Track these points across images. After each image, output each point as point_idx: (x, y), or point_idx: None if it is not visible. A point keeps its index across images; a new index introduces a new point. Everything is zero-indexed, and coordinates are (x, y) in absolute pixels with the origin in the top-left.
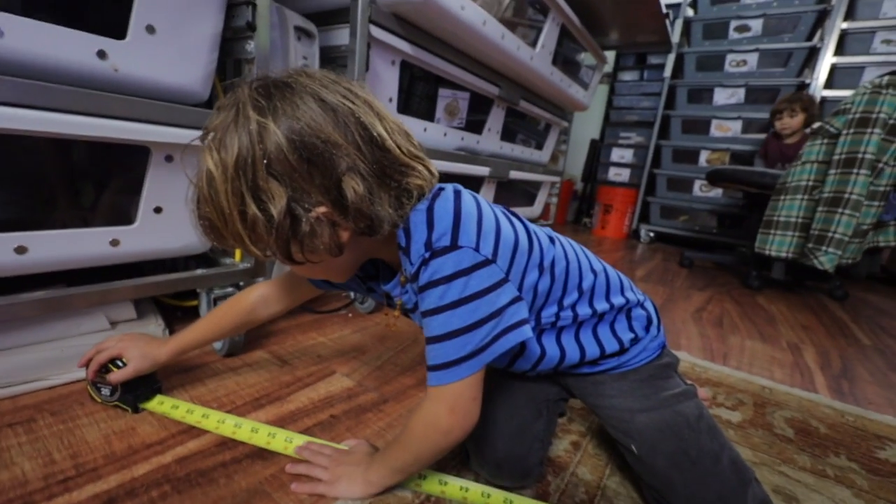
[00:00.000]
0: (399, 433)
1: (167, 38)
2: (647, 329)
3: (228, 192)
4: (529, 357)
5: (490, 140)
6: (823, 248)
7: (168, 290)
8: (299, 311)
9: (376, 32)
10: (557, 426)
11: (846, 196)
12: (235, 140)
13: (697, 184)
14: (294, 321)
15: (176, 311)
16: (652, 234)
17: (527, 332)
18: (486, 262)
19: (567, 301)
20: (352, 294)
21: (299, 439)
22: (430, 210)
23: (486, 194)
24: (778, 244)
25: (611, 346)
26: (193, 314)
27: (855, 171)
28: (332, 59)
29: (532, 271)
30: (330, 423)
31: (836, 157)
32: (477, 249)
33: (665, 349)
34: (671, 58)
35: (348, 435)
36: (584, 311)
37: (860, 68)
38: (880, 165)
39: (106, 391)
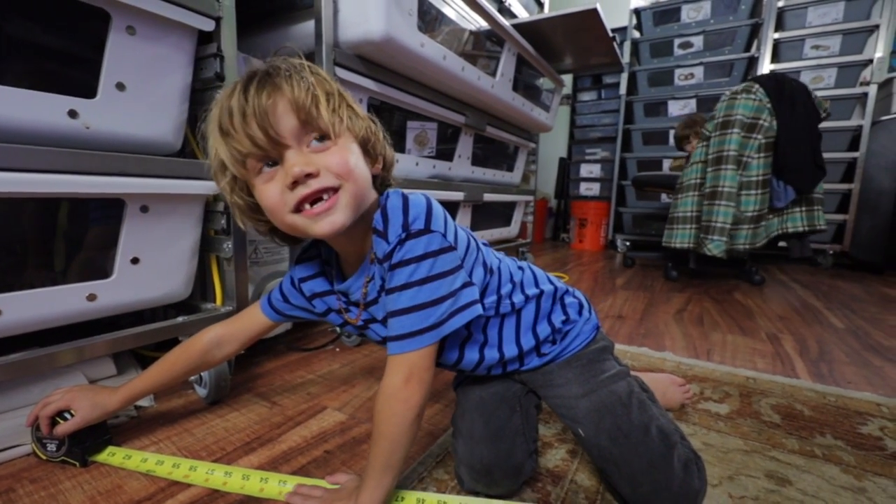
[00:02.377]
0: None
1: (137, 93)
2: (579, 313)
3: (347, 93)
4: (474, 345)
5: (461, 166)
6: (710, 236)
7: (148, 342)
8: (285, 351)
9: (342, 74)
10: (552, 436)
11: (720, 189)
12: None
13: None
14: (281, 361)
15: None
16: (628, 244)
17: (478, 309)
18: (451, 248)
19: (504, 290)
20: (338, 328)
21: (293, 481)
22: (405, 196)
23: (463, 218)
24: (680, 237)
25: (544, 331)
26: None
27: (723, 166)
28: None
29: (478, 267)
30: (325, 458)
31: (709, 157)
32: (444, 236)
33: (599, 332)
34: (624, 77)
35: (344, 469)
36: (518, 298)
37: (797, 72)
38: (744, 159)
39: (52, 446)
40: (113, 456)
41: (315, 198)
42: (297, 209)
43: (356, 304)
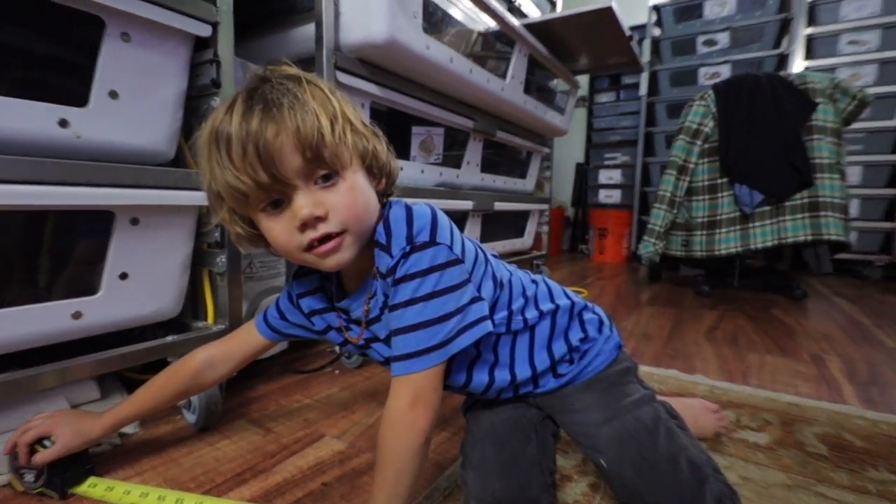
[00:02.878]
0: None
1: (130, 101)
2: (599, 330)
3: (336, 102)
4: (483, 365)
5: (470, 173)
6: (645, 238)
7: (135, 363)
8: (281, 373)
9: (343, 78)
10: (570, 468)
11: (659, 193)
12: (323, 81)
13: None
14: (276, 384)
15: None
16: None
17: (487, 326)
18: (458, 261)
19: (515, 305)
20: (337, 348)
21: None
22: (408, 207)
23: (472, 228)
24: (644, 246)
25: (560, 350)
26: None
27: (666, 171)
28: None
29: (487, 281)
30: (322, 492)
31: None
32: (451, 248)
33: (622, 351)
34: (645, 77)
35: (343, 503)
36: (531, 314)
37: (832, 69)
38: (689, 165)
39: (29, 476)
40: (94, 487)
41: (322, 238)
42: (308, 248)
43: (357, 322)
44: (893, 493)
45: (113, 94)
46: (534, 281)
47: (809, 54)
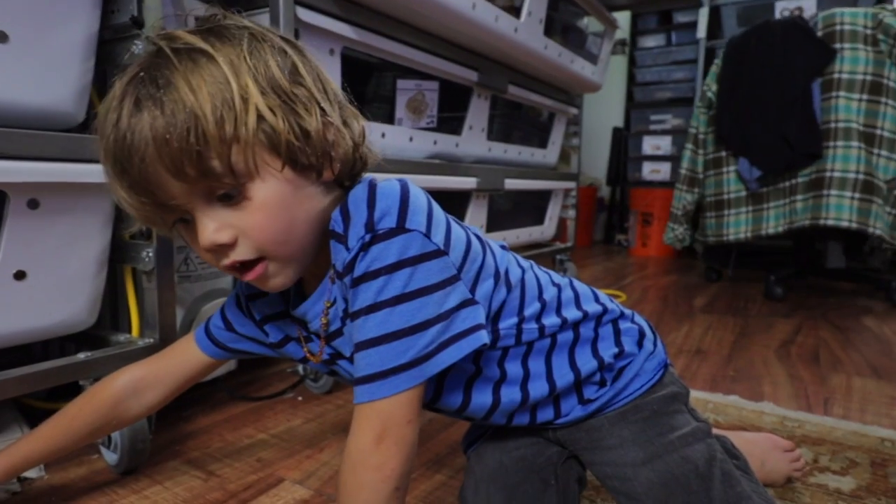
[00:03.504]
0: None
1: (23, 46)
2: (639, 344)
3: (245, 80)
4: (485, 383)
5: (473, 141)
6: (668, 223)
7: (38, 388)
8: (228, 401)
9: (305, 16)
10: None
11: (681, 171)
12: (237, 40)
13: None
14: (221, 414)
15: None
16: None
17: (481, 338)
18: (438, 252)
19: (528, 312)
20: (300, 368)
21: None
22: (372, 184)
23: (476, 213)
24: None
25: (587, 365)
26: None
27: (686, 145)
28: None
29: (486, 280)
30: None
31: None
32: (428, 236)
33: (668, 372)
34: (703, 13)
35: None
36: (551, 320)
37: None
38: (701, 136)
39: None
40: None
41: (241, 264)
42: (233, 270)
43: (318, 336)
44: None
45: (1, 37)
46: (555, 284)
47: None
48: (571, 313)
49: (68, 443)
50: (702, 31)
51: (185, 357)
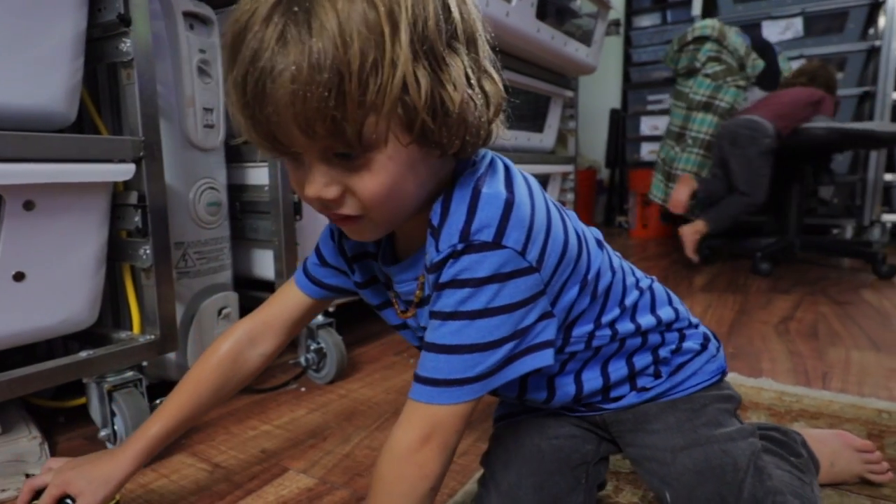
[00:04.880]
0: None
1: (10, 46)
2: (702, 346)
3: (401, 40)
4: (541, 378)
5: None
6: None
7: (42, 387)
8: None
9: None
10: (599, 500)
11: None
12: None
13: None
14: (225, 407)
15: (57, 415)
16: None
17: (548, 357)
18: (529, 270)
19: (606, 319)
20: (303, 360)
21: None
22: (476, 190)
23: None
24: None
25: (643, 361)
26: (82, 417)
27: None
28: None
29: (573, 287)
30: None
31: None
32: (522, 253)
33: (725, 377)
34: None
35: None
36: (625, 327)
37: None
38: None
39: None
40: None
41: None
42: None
43: (399, 296)
44: None
45: None
46: (639, 287)
47: None
48: (646, 319)
49: (198, 410)
50: (697, 9)
51: (289, 300)
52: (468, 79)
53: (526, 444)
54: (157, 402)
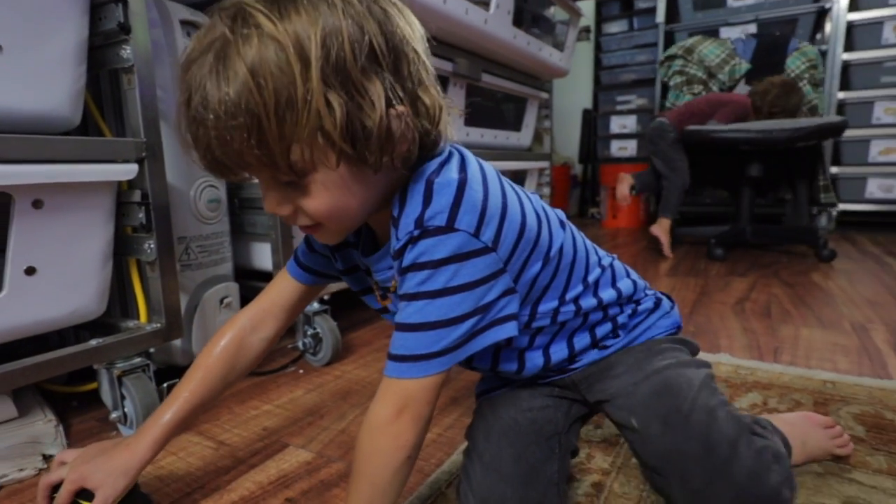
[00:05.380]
0: None
1: (17, 55)
2: (656, 305)
3: (311, 75)
4: (512, 352)
5: (451, 127)
6: None
7: (55, 373)
8: None
9: None
10: (572, 466)
11: None
12: (315, 13)
13: None
14: (229, 390)
15: (70, 399)
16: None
17: (511, 329)
18: (485, 250)
19: (570, 295)
20: (300, 344)
21: None
22: (429, 182)
23: None
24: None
25: (604, 330)
26: (94, 401)
27: None
28: None
29: (535, 263)
30: None
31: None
32: (476, 235)
33: (680, 331)
34: None
35: None
36: (588, 302)
37: (878, 23)
38: None
39: None
40: None
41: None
42: None
43: (378, 285)
44: None
45: None
46: (602, 265)
47: (854, 5)
48: (607, 294)
49: (208, 396)
50: (661, 16)
51: (283, 288)
52: (389, 99)
53: (504, 418)
54: (165, 385)
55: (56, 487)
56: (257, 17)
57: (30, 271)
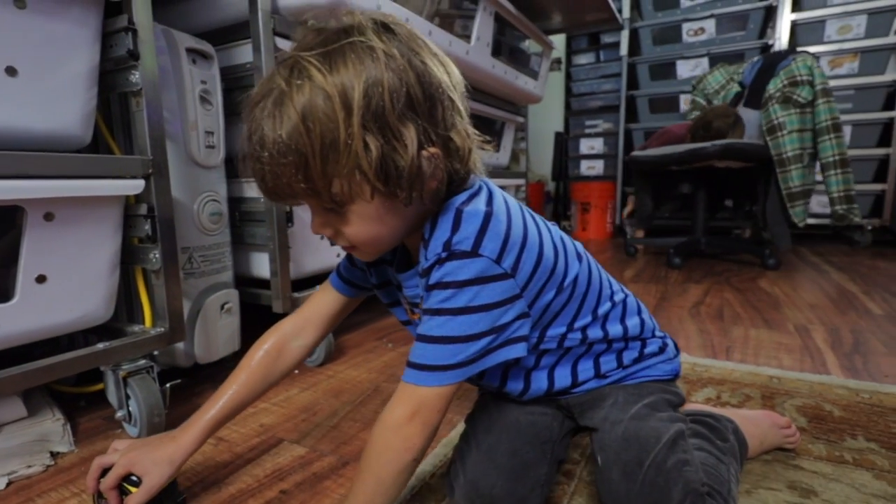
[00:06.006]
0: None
1: (32, 79)
2: (660, 350)
3: (353, 121)
4: (519, 370)
5: None
6: (852, 206)
7: (64, 375)
8: None
9: (284, 45)
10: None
11: (843, 157)
12: (360, 66)
13: None
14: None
15: (78, 399)
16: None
17: (521, 350)
18: (504, 276)
19: (578, 324)
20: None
21: None
22: (458, 211)
23: None
24: (800, 213)
25: (608, 365)
26: (101, 401)
27: (839, 133)
28: (237, 78)
29: (549, 291)
30: (280, 500)
31: (823, 124)
32: (497, 262)
33: (677, 378)
34: (625, 34)
35: None
36: (594, 333)
37: (821, 21)
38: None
39: None
40: None
41: None
42: None
43: (408, 301)
44: (870, 461)
45: (11, 71)
46: (613, 300)
47: (797, 6)
48: (614, 328)
49: (250, 395)
50: (624, 49)
51: (325, 299)
52: (422, 142)
53: (507, 415)
54: (168, 385)
55: (106, 471)
56: (310, 70)
57: (41, 279)
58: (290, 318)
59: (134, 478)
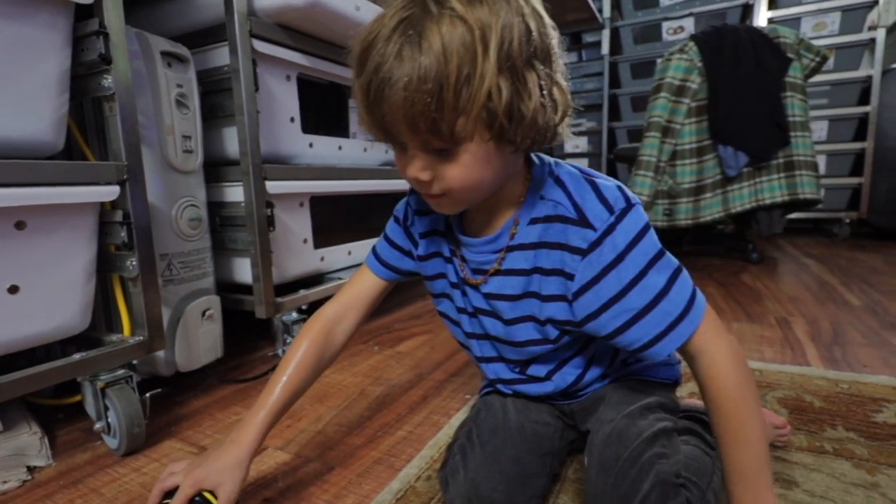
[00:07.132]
0: (725, 429)
1: (1, 84)
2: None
3: (489, 59)
4: (575, 365)
5: None
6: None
7: (40, 387)
8: (217, 385)
9: (262, 47)
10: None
11: (644, 158)
12: (496, 7)
13: None
14: (211, 396)
15: (56, 412)
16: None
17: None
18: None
19: None
20: (280, 352)
21: None
22: (568, 171)
23: None
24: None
25: (613, 365)
26: (79, 413)
27: (647, 134)
28: (215, 82)
29: None
30: None
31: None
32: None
33: (677, 386)
34: (606, 34)
35: None
36: None
37: (796, 19)
38: (674, 126)
39: None
40: None
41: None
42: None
43: (478, 272)
44: (850, 450)
45: None
46: None
47: (773, 4)
48: None
49: (301, 385)
50: (605, 49)
51: (364, 283)
52: (541, 89)
53: (514, 421)
54: (147, 395)
55: (168, 494)
56: (451, 1)
57: (13, 290)
58: (330, 304)
59: (206, 494)
